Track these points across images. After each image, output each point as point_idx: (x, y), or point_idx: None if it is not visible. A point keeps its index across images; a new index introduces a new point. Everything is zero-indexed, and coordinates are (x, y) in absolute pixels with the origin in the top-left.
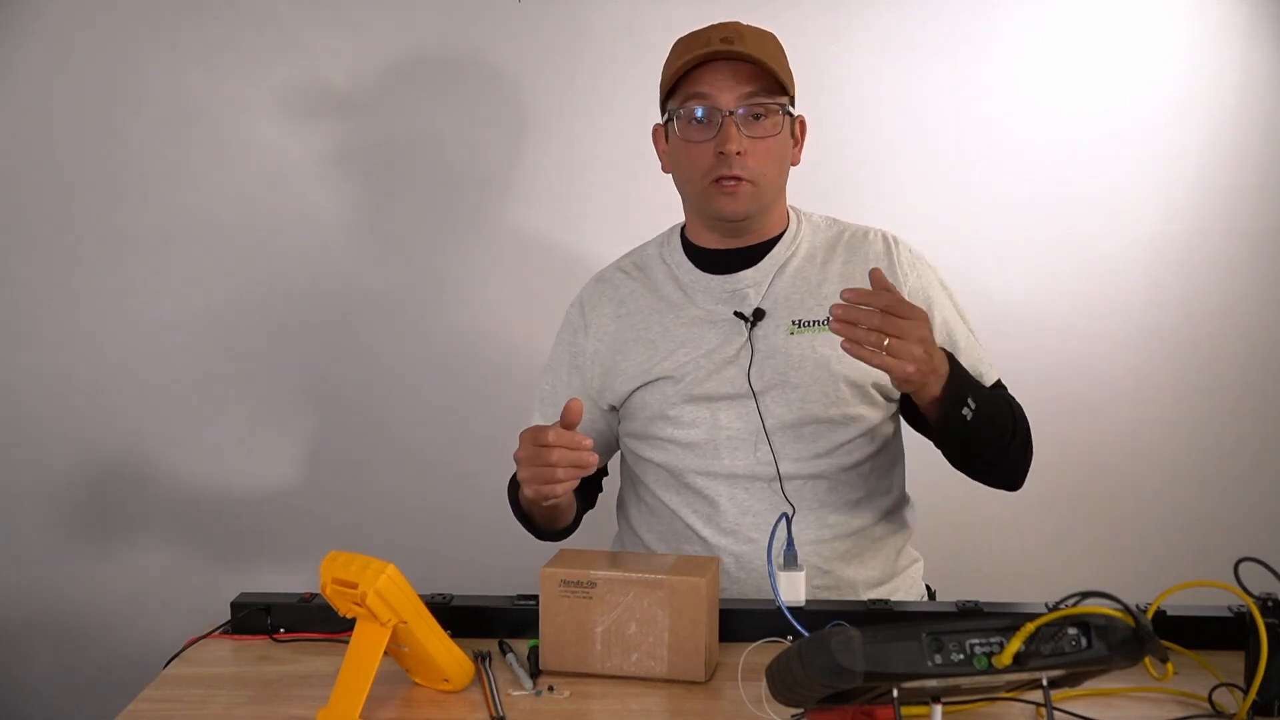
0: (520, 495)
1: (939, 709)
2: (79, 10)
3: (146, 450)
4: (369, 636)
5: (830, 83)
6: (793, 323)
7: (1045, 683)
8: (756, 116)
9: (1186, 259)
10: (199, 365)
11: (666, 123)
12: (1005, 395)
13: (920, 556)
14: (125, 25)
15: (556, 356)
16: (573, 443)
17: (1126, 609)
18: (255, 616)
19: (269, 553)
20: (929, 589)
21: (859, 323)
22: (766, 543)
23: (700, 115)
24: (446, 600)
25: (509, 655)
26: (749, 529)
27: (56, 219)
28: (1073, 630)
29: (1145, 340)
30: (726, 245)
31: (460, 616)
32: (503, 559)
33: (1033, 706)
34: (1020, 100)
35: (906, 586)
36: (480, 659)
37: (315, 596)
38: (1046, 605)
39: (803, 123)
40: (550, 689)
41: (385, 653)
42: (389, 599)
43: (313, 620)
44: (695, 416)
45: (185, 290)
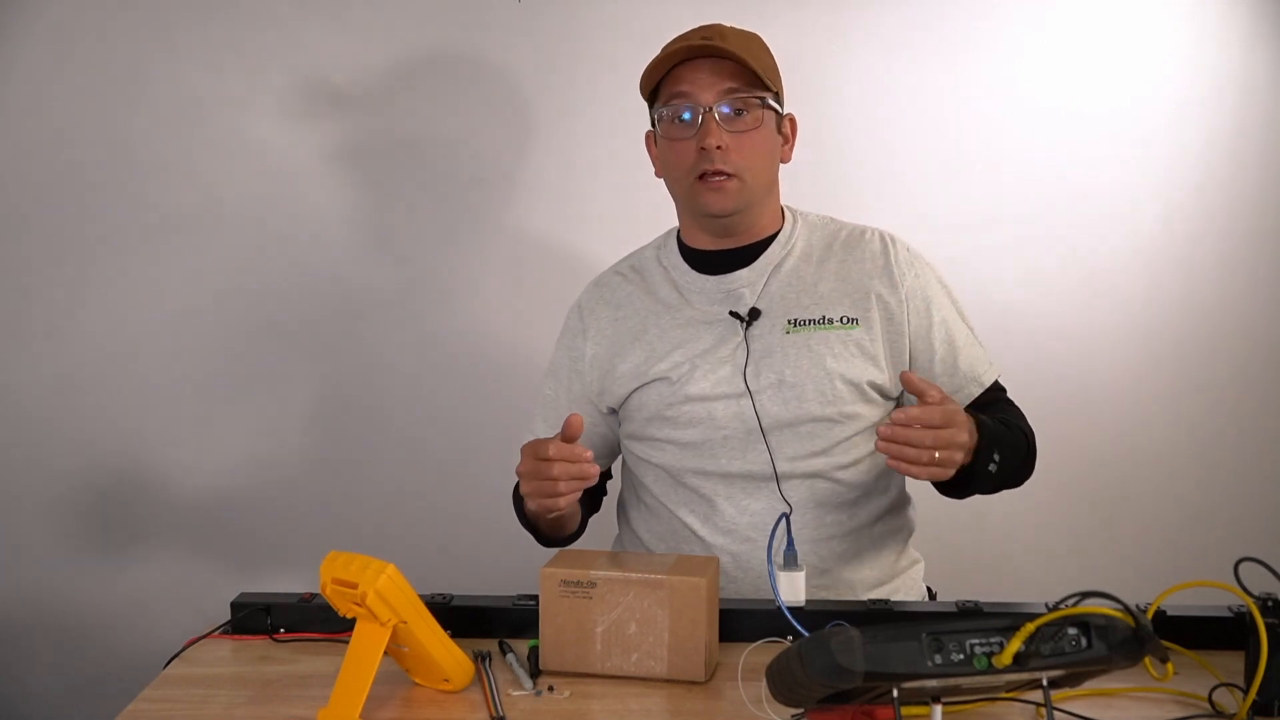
0: (524, 506)
1: (939, 709)
2: (79, 10)
3: (147, 450)
4: (369, 636)
5: (830, 83)
6: (789, 322)
7: (1045, 683)
8: (738, 111)
9: (1186, 259)
10: (199, 365)
11: (654, 125)
12: (1017, 421)
13: (921, 558)
14: (125, 25)
15: (557, 361)
16: (573, 456)
17: (1126, 609)
18: (255, 616)
19: (269, 553)
20: (930, 591)
21: (910, 445)
22: (763, 542)
23: (682, 113)
24: (446, 600)
25: (509, 655)
26: (746, 528)
27: (57, 219)
28: (1073, 630)
29: (1145, 339)
30: (720, 246)
31: (460, 616)
32: (503, 559)
33: (1033, 706)
34: (1020, 100)
35: (907, 588)
36: (480, 659)
37: (315, 596)
38: (1046, 605)
39: (793, 121)
40: (550, 689)
41: (385, 653)
42: (389, 599)
43: (313, 620)
44: (692, 416)
45: (185, 289)
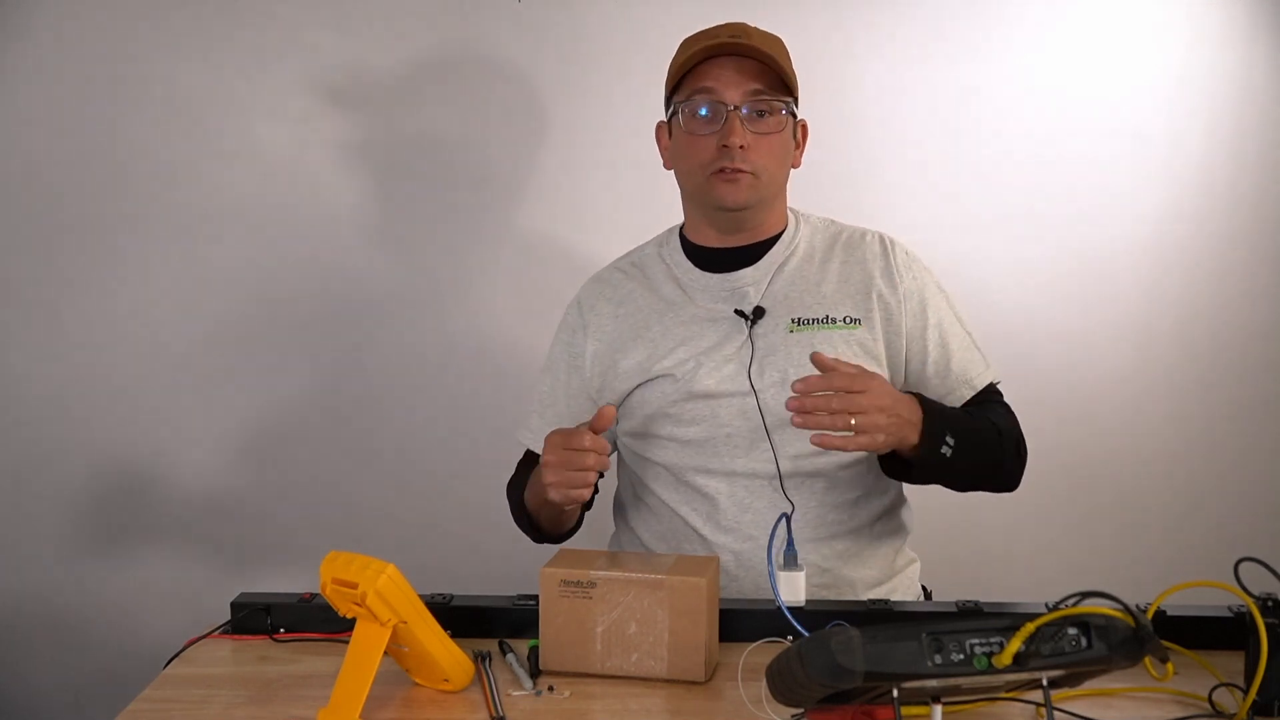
0: (528, 498)
1: (939, 709)
2: (79, 9)
3: (147, 450)
4: (369, 636)
5: (832, 84)
6: (792, 320)
7: (1045, 683)
8: (761, 113)
9: (1186, 259)
10: (200, 365)
11: (671, 117)
12: (986, 413)
13: (917, 557)
14: (126, 25)
15: (554, 357)
16: (604, 447)
17: (1126, 609)
18: (255, 616)
19: (269, 553)
20: (925, 589)
21: (818, 410)
22: (765, 540)
23: (705, 110)
24: (446, 600)
25: (509, 655)
26: (748, 526)
27: (58, 220)
28: (1073, 630)
29: (1145, 340)
30: (726, 244)
31: (460, 616)
32: (503, 559)
33: (1033, 706)
34: (1020, 101)
35: (904, 587)
36: (480, 659)
37: (315, 596)
38: (1046, 605)
39: (805, 127)
40: (550, 689)
41: (385, 653)
42: (389, 599)
43: (313, 620)
44: (696, 414)
45: (185, 289)
